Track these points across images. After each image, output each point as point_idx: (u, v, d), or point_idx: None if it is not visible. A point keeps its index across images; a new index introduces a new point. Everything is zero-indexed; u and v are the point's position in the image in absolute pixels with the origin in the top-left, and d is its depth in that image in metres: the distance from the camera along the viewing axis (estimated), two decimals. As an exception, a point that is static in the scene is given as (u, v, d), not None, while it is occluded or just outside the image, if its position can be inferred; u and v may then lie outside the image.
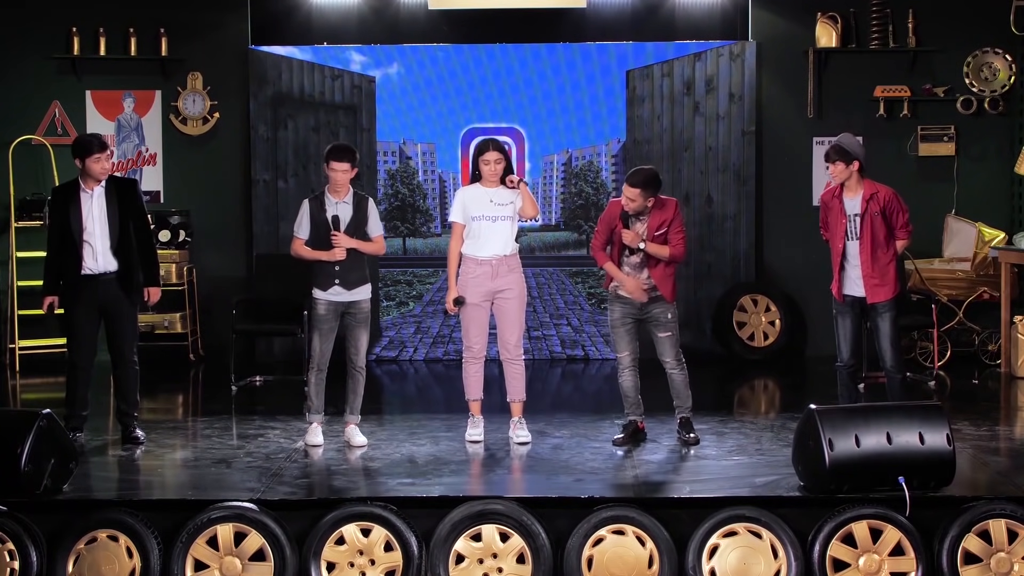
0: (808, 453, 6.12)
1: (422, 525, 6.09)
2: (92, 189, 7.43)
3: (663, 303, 7.41)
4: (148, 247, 7.66)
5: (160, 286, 7.75)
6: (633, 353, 7.48)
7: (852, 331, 7.61)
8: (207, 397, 9.79)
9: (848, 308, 7.59)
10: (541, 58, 11.09)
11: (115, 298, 7.48)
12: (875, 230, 7.44)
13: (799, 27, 11.05)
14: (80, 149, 7.42)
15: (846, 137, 7.62)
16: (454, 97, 11.10)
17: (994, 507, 6.02)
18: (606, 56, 11.07)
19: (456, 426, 7.82)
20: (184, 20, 11.02)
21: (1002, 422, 8.35)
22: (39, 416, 6.16)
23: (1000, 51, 10.90)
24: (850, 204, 7.51)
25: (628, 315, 7.45)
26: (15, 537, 5.97)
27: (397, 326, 11.14)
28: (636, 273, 7.40)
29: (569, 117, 11.14)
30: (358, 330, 7.42)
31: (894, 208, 7.49)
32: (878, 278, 7.45)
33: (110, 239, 7.42)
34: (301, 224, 7.40)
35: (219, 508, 6.08)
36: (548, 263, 11.22)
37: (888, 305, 7.48)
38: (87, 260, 7.41)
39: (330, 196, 7.38)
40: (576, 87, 11.09)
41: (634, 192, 7.28)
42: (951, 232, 10.77)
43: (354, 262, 7.40)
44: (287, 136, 11.04)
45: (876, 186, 7.53)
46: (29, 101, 10.98)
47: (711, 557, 5.99)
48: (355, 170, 7.39)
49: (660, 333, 7.44)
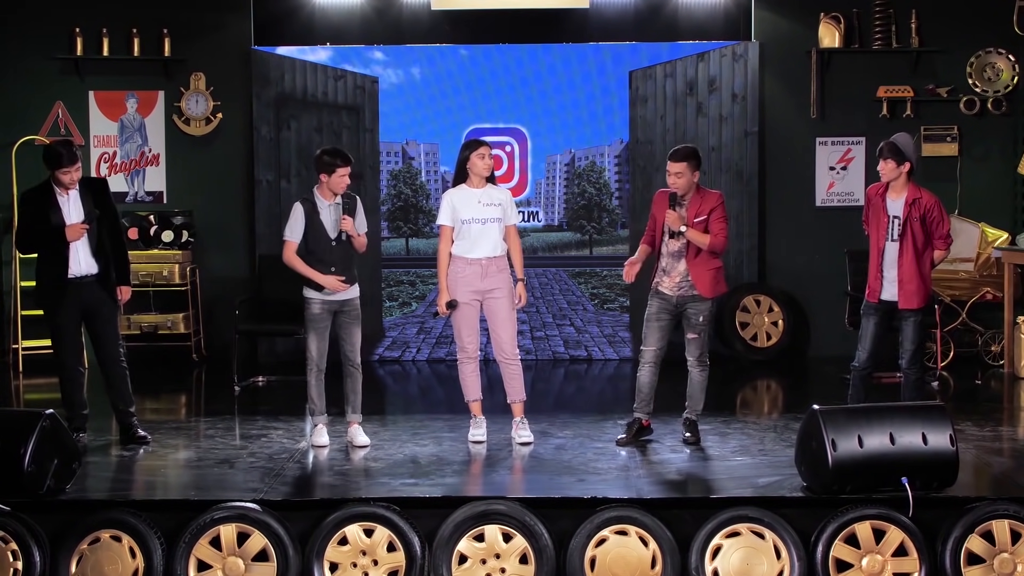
0: (811, 453, 6.12)
1: (425, 525, 6.09)
2: (67, 193, 7.42)
3: (699, 302, 7.33)
4: (120, 246, 7.66)
5: (131, 285, 7.75)
6: (659, 350, 7.43)
7: (875, 334, 7.50)
8: (210, 397, 9.79)
9: (875, 311, 7.50)
10: (544, 58, 11.09)
11: (98, 300, 7.48)
12: (915, 235, 7.34)
13: (802, 27, 11.04)
14: (50, 160, 7.35)
15: (902, 136, 7.50)
16: (457, 97, 11.11)
17: (997, 508, 6.02)
18: (609, 56, 11.07)
19: (459, 426, 7.82)
20: (187, 21, 11.03)
21: (1005, 422, 8.34)
22: (42, 416, 6.16)
23: (1003, 51, 10.90)
24: (893, 205, 7.41)
25: (664, 310, 7.40)
26: (18, 537, 5.97)
27: (400, 326, 11.14)
28: (674, 263, 7.34)
29: (572, 117, 11.14)
30: (352, 327, 7.43)
31: (935, 217, 7.37)
32: (913, 284, 7.34)
33: (91, 242, 7.43)
34: (295, 227, 7.34)
35: (222, 508, 6.08)
36: (551, 264, 11.23)
37: (918, 313, 7.41)
38: (72, 263, 7.41)
39: (322, 198, 7.36)
40: (579, 87, 11.10)
41: (680, 167, 7.22)
42: (954, 232, 10.68)
43: (348, 263, 7.40)
44: (290, 137, 11.04)
45: (920, 191, 7.41)
46: (32, 102, 10.99)
47: (714, 558, 5.99)
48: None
49: (690, 334, 7.41)
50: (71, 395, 7.56)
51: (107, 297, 7.52)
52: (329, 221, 7.33)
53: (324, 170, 7.31)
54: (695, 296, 7.34)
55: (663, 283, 7.39)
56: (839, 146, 11.10)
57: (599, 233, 11.19)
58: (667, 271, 7.38)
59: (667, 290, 7.37)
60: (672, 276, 7.36)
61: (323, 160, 7.33)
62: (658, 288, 7.41)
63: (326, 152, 7.38)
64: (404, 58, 11.08)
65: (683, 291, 7.34)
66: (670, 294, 7.37)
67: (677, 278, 7.34)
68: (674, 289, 7.35)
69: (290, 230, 7.37)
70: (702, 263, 7.30)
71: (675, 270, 7.35)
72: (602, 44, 11.10)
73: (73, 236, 7.34)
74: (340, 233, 7.32)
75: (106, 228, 7.53)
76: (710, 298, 7.36)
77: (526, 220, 11.13)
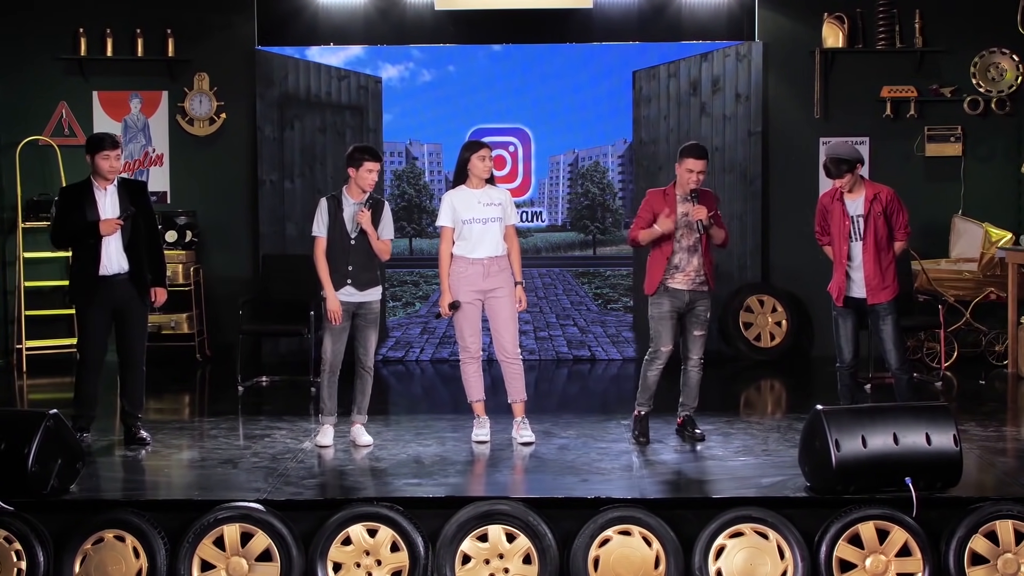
0: (815, 454, 6.11)
1: (428, 525, 6.09)
2: (105, 188, 7.46)
3: (706, 298, 7.47)
4: (157, 249, 7.70)
5: (167, 288, 7.78)
6: (673, 349, 7.51)
7: (853, 332, 7.60)
8: (214, 397, 9.79)
9: (848, 311, 7.58)
10: (547, 58, 11.09)
11: (128, 299, 7.50)
12: (878, 231, 7.42)
13: (806, 27, 11.04)
14: (92, 144, 7.46)
15: (838, 146, 7.63)
16: (460, 97, 11.11)
17: (1001, 508, 6.01)
18: (612, 56, 11.08)
19: (462, 426, 7.82)
20: (191, 21, 11.04)
21: (1009, 423, 8.33)
22: (46, 416, 6.16)
23: (1007, 51, 10.89)
24: (852, 205, 7.48)
25: (675, 308, 7.45)
26: (22, 537, 5.97)
27: (403, 326, 11.15)
28: (689, 257, 7.42)
29: (575, 117, 11.14)
30: (368, 330, 7.43)
31: (895, 208, 7.48)
32: (880, 279, 7.44)
33: (123, 239, 7.46)
34: (320, 223, 7.35)
35: (225, 508, 6.08)
36: (554, 263, 11.22)
37: (889, 306, 7.47)
38: (103, 260, 7.43)
39: (348, 196, 7.37)
40: (582, 87, 11.10)
41: (701, 164, 7.37)
42: (958, 232, 10.76)
43: (366, 263, 7.39)
44: (294, 136, 11.05)
45: (877, 187, 7.52)
46: (36, 102, 11.01)
47: (717, 558, 5.99)
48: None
49: (697, 331, 7.48)
50: (84, 393, 7.56)
51: (138, 297, 7.52)
52: (351, 219, 7.32)
53: (352, 164, 7.32)
54: (704, 292, 7.45)
55: (676, 279, 7.43)
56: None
57: (602, 233, 11.19)
58: (680, 267, 7.43)
59: (681, 286, 7.43)
60: (687, 272, 7.42)
61: (353, 155, 7.35)
62: (669, 285, 7.44)
63: (357, 148, 7.41)
64: (408, 58, 11.08)
65: (696, 286, 7.43)
66: (684, 289, 7.43)
67: (692, 273, 7.42)
68: (688, 284, 7.42)
69: (316, 226, 7.38)
70: (711, 258, 7.51)
71: (690, 265, 7.42)
72: (606, 44, 11.10)
73: (107, 231, 7.36)
74: (357, 227, 7.31)
75: (143, 229, 7.55)
76: (711, 292, 7.52)
77: (529, 220, 11.13)
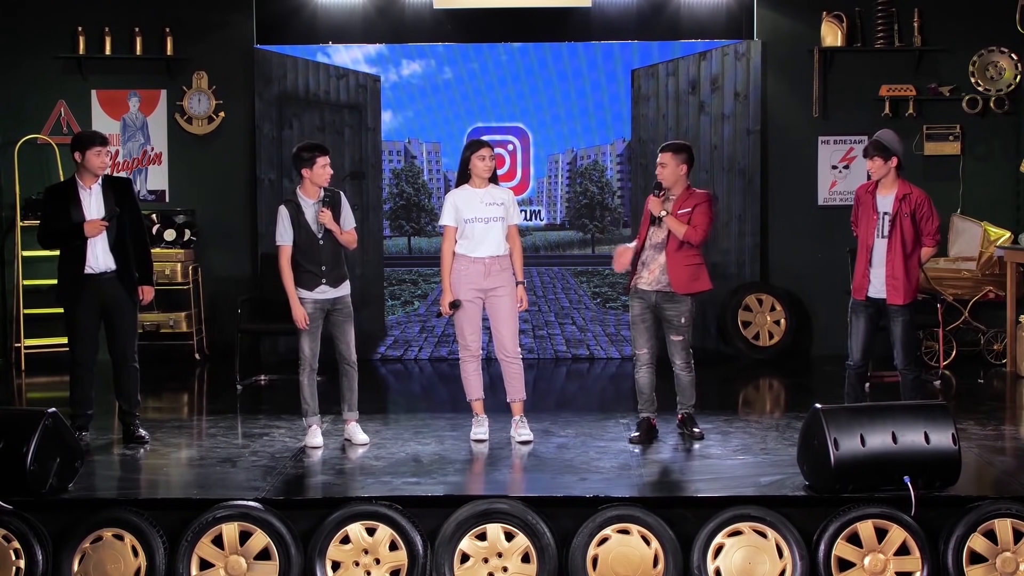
0: (813, 452, 6.12)
1: (427, 524, 6.09)
2: (90, 187, 7.44)
3: (676, 302, 7.37)
4: (143, 246, 7.68)
5: (154, 285, 7.76)
6: (651, 350, 7.47)
7: (866, 332, 7.52)
8: (212, 396, 9.79)
9: (865, 308, 7.51)
10: (546, 57, 11.09)
11: (116, 297, 7.49)
12: (904, 232, 7.34)
13: (804, 26, 11.04)
14: (81, 141, 7.43)
15: (886, 133, 7.53)
16: (459, 96, 11.11)
17: (999, 507, 6.02)
18: (611, 55, 11.07)
19: (461, 425, 7.82)
20: (189, 20, 11.04)
21: (1007, 421, 8.34)
22: (45, 415, 6.16)
23: (1006, 50, 10.88)
24: (883, 202, 7.42)
25: (646, 310, 7.44)
26: (21, 536, 5.98)
27: (402, 325, 11.14)
28: (655, 255, 7.39)
29: (574, 116, 11.14)
30: (345, 325, 7.42)
31: (924, 213, 7.36)
32: (900, 280, 7.35)
33: (110, 238, 7.44)
34: (283, 231, 7.28)
35: (224, 507, 6.08)
36: (553, 262, 11.22)
37: (905, 309, 7.40)
38: (89, 259, 7.42)
39: (305, 198, 7.32)
40: (581, 86, 11.09)
41: (665, 156, 7.34)
42: (957, 231, 10.76)
43: (337, 259, 7.38)
44: (292, 135, 11.03)
45: (910, 187, 7.42)
46: (35, 100, 11.00)
47: (716, 556, 5.99)
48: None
49: (673, 336, 7.45)
50: (80, 392, 7.57)
51: (126, 294, 7.52)
52: (314, 220, 7.30)
53: (304, 165, 7.25)
54: (670, 295, 7.37)
55: (642, 278, 7.42)
56: (841, 145, 11.10)
57: (601, 232, 11.19)
58: (647, 263, 7.42)
59: (645, 285, 7.42)
60: (651, 269, 7.41)
61: (301, 156, 7.27)
62: (637, 285, 7.45)
63: (302, 148, 7.33)
64: (406, 57, 11.07)
65: (660, 286, 7.37)
66: (648, 290, 7.41)
67: (656, 271, 7.39)
68: (652, 284, 7.39)
69: (280, 235, 7.30)
70: (681, 257, 7.35)
71: (655, 262, 7.40)
72: (604, 43, 11.09)
73: (91, 232, 7.36)
74: (321, 228, 7.29)
75: (129, 227, 7.54)
76: (686, 295, 7.38)
77: (528, 219, 11.13)
